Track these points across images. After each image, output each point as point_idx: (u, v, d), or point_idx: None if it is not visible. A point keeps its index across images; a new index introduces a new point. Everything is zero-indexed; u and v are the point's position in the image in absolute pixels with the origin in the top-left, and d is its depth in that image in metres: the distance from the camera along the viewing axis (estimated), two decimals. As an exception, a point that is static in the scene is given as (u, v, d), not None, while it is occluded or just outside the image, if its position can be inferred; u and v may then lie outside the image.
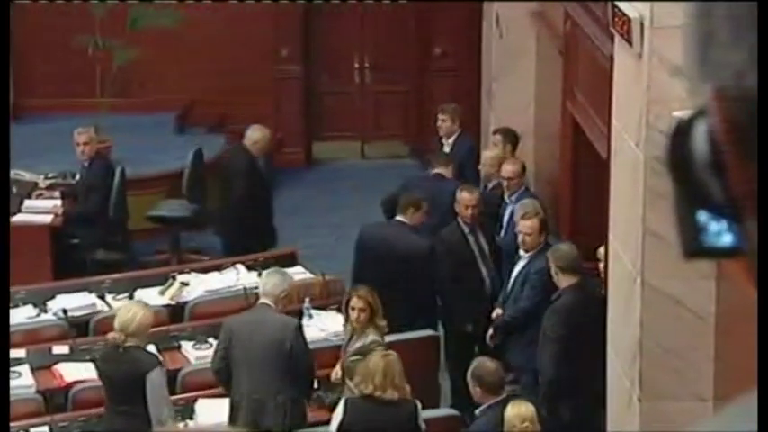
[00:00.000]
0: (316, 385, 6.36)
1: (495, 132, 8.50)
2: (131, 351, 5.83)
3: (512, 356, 6.53)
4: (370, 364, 5.55)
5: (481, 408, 5.55)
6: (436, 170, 8.04)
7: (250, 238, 8.34)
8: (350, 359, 6.02)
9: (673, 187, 0.72)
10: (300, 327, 6.19)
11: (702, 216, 0.72)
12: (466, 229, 7.15)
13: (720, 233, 0.72)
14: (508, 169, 7.63)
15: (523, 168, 7.68)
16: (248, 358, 5.95)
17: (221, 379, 6.15)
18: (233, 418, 5.98)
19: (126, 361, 5.79)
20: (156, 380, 5.76)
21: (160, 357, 6.16)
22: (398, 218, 7.21)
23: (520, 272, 6.71)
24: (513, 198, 7.54)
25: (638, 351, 5.05)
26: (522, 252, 6.71)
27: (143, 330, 5.86)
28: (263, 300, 6.19)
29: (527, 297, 6.58)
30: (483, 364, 5.56)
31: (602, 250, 6.04)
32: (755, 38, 0.65)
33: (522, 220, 6.69)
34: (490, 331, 6.72)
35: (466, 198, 7.13)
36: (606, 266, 5.71)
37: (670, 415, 4.96)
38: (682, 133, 0.71)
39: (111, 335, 5.91)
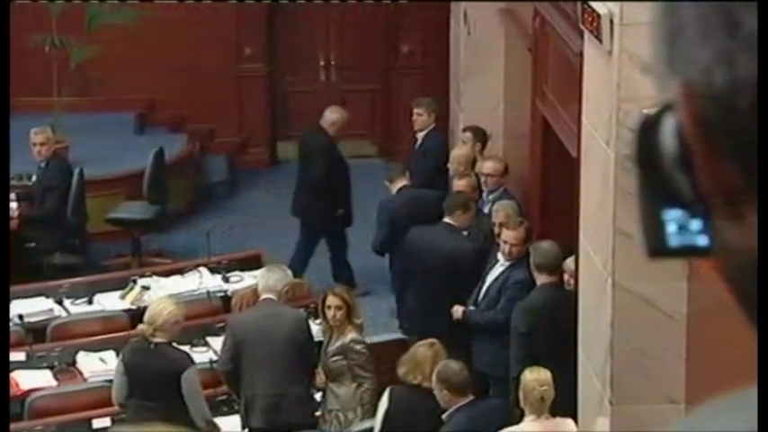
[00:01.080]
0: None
1: (464, 130, 8.52)
2: (162, 348, 5.88)
3: (482, 362, 6.52)
4: (418, 355, 5.73)
5: (448, 411, 5.54)
6: (397, 185, 8.04)
7: (326, 220, 8.41)
8: (332, 359, 6.01)
9: (637, 184, 0.72)
10: (307, 318, 6.34)
11: (668, 214, 0.71)
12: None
13: (686, 232, 0.71)
14: (489, 166, 7.64)
15: (506, 168, 7.69)
16: (267, 354, 6.00)
17: (231, 380, 6.20)
18: (248, 418, 5.97)
19: (157, 358, 5.86)
20: (191, 379, 5.88)
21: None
22: (446, 220, 7.17)
23: (497, 278, 6.65)
24: (491, 197, 7.54)
25: (609, 353, 5.07)
26: (500, 258, 6.64)
27: (170, 326, 5.90)
28: (266, 295, 6.24)
29: (503, 309, 6.48)
30: (447, 365, 5.56)
31: (569, 262, 6.04)
32: (723, 36, 0.65)
33: (508, 230, 6.61)
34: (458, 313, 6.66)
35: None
36: (577, 268, 5.73)
37: (641, 418, 4.98)
38: (649, 128, 0.71)
39: (139, 327, 6.00)
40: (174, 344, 6.83)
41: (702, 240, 0.69)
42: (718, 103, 0.66)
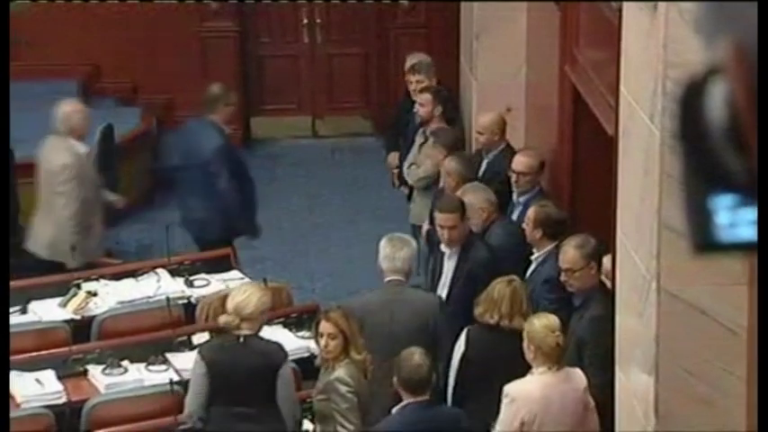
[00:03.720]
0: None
1: (422, 91, 8.49)
2: (254, 341, 6.00)
3: None
4: (494, 294, 6.17)
5: (398, 406, 5.72)
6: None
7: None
8: (317, 398, 6.03)
9: (682, 164, 0.72)
10: (443, 304, 6.58)
11: (717, 201, 0.71)
12: None
13: (739, 223, 0.71)
14: (521, 162, 7.61)
15: (542, 165, 7.68)
16: (389, 345, 6.14)
17: None
18: (362, 409, 5.98)
19: (250, 353, 5.97)
20: (287, 375, 6.03)
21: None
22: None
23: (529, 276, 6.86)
24: (522, 199, 7.55)
25: (654, 373, 5.10)
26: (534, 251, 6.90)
27: (260, 315, 6.07)
28: (393, 277, 6.55)
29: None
30: (410, 355, 5.71)
31: (605, 262, 6.11)
32: None
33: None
34: None
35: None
36: (614, 270, 5.76)
37: (693, 451, 5.01)
38: (693, 94, 0.71)
39: (222, 319, 6.09)
40: (127, 361, 6.89)
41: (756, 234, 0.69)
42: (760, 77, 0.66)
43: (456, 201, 7.11)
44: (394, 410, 5.74)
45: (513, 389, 5.78)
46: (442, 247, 6.99)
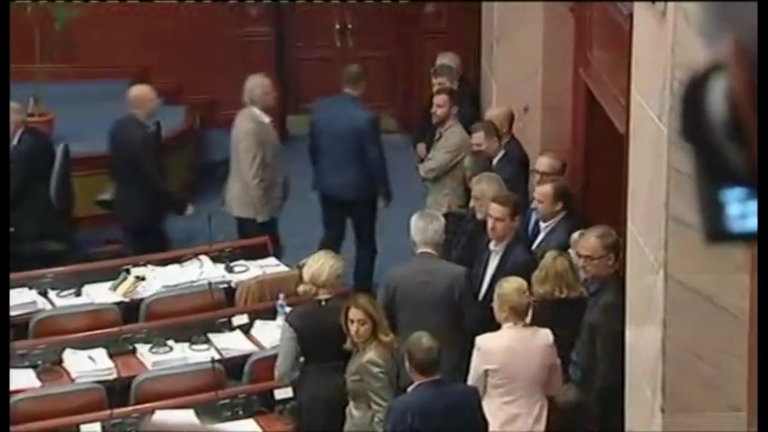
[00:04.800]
0: (291, 395, 6.35)
1: (439, 92, 8.45)
2: (333, 303, 6.19)
3: None
4: (558, 269, 6.16)
5: (412, 386, 5.73)
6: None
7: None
8: (350, 378, 6.05)
9: (692, 158, 0.69)
10: (468, 275, 6.60)
11: (728, 194, 0.68)
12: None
13: (749, 214, 0.68)
14: (544, 163, 7.44)
15: (563, 167, 7.45)
16: (419, 315, 6.27)
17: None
18: (392, 385, 6.00)
19: (331, 313, 6.08)
20: None
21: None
22: None
23: (539, 244, 6.86)
24: (546, 227, 7.10)
25: (662, 355, 5.04)
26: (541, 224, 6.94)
27: (334, 280, 6.28)
28: (424, 249, 6.60)
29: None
30: (418, 339, 5.69)
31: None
32: None
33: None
34: None
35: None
36: (624, 258, 5.71)
37: (698, 428, 4.95)
38: (696, 89, 0.68)
39: (301, 288, 6.33)
40: (172, 340, 6.89)
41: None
42: (760, 76, 0.63)
43: (513, 197, 6.95)
44: (409, 390, 5.73)
45: (481, 341, 5.99)
46: (491, 246, 6.81)
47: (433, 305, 6.39)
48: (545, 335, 5.99)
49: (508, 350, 5.95)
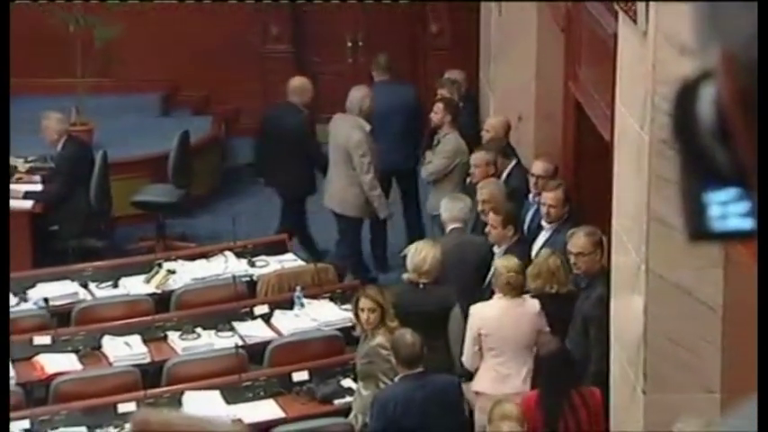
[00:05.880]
0: (307, 377, 6.38)
1: (435, 101, 8.55)
2: (432, 287, 6.29)
3: None
4: (550, 266, 6.15)
5: (397, 378, 5.74)
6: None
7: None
8: (361, 361, 6.06)
9: (678, 161, 0.70)
10: (492, 247, 6.71)
11: (710, 196, 0.70)
12: None
13: (730, 215, 0.70)
14: (539, 166, 7.31)
15: (556, 170, 7.32)
16: (461, 274, 6.48)
17: None
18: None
19: (430, 297, 6.22)
20: (459, 316, 6.21)
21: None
22: None
23: (543, 244, 6.79)
24: (538, 199, 7.09)
25: (643, 342, 5.06)
26: (543, 223, 6.91)
27: (435, 267, 6.31)
28: (454, 225, 6.89)
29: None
30: (402, 336, 5.71)
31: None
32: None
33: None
34: None
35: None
36: (610, 254, 5.72)
37: (675, 407, 4.97)
38: (686, 94, 0.69)
39: (405, 276, 6.43)
40: (200, 328, 6.93)
41: (746, 224, 0.68)
42: (760, 75, 0.64)
43: (508, 207, 6.88)
44: (396, 379, 5.75)
45: (475, 308, 6.11)
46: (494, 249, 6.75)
47: (471, 272, 6.63)
48: (533, 304, 6.06)
49: (498, 318, 6.04)
